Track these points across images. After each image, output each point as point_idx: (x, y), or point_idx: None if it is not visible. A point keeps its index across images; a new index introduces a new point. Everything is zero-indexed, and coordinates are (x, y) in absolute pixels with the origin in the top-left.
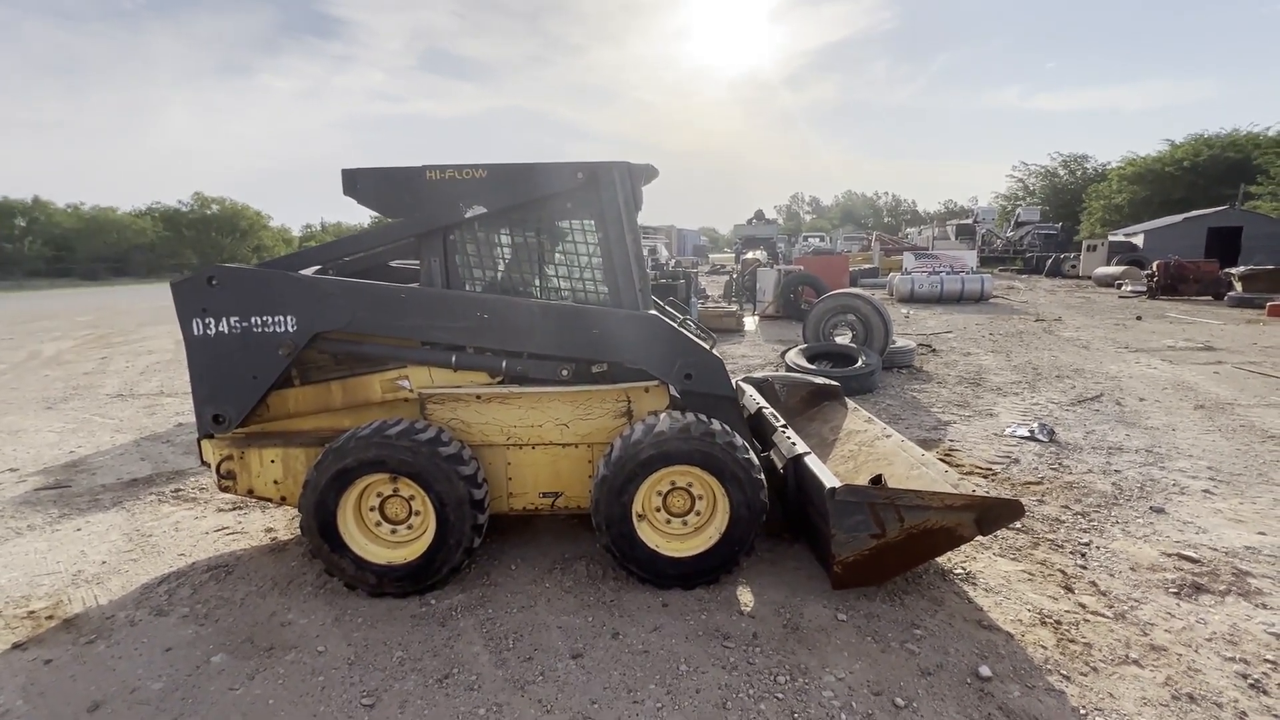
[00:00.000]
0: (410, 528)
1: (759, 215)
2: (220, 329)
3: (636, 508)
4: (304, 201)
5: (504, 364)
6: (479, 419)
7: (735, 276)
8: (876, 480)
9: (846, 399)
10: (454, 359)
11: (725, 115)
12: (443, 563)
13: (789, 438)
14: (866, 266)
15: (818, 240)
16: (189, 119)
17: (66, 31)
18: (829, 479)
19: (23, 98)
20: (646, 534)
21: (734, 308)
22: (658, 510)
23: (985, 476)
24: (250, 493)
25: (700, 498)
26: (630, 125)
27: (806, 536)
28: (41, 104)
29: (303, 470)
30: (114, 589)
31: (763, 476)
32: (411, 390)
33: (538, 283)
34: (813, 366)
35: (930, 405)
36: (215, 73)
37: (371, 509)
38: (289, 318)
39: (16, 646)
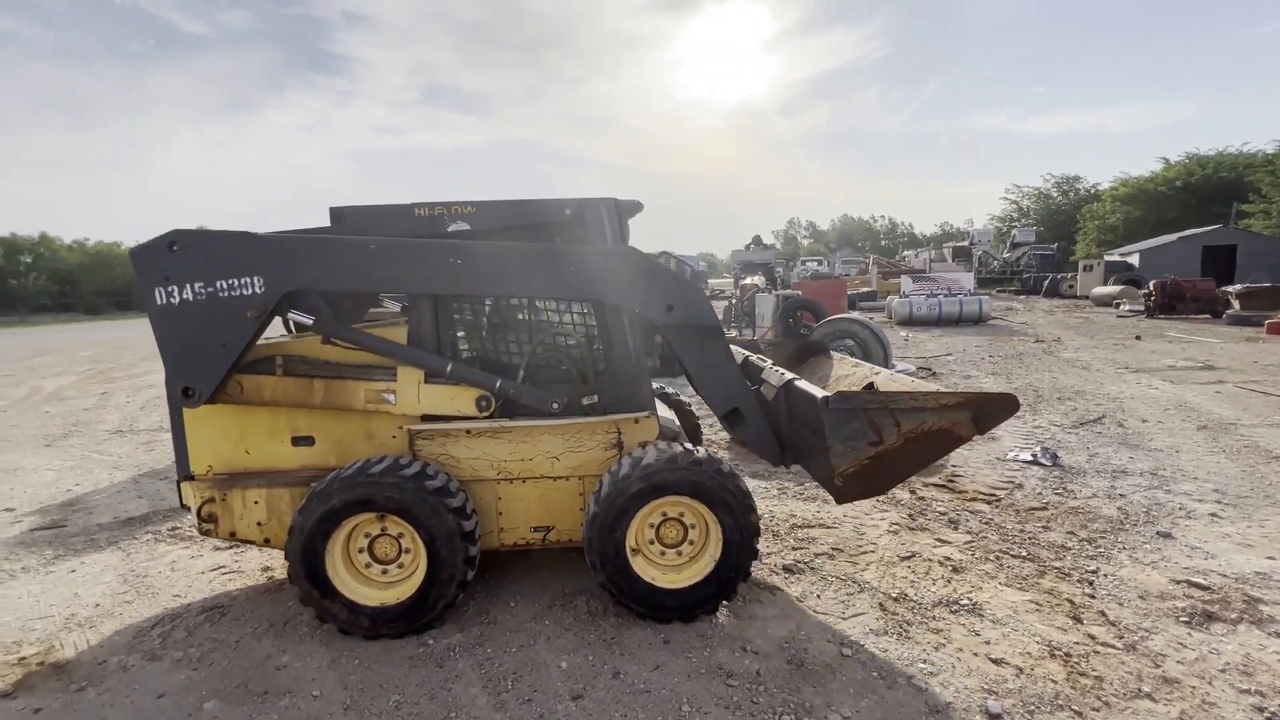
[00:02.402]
0: (401, 566)
1: (756, 240)
2: (185, 296)
3: (630, 542)
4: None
5: (498, 384)
6: (469, 454)
7: (734, 302)
8: (869, 388)
9: (832, 351)
10: (449, 368)
11: (721, 142)
12: (437, 598)
13: (777, 370)
14: (865, 290)
15: (816, 264)
16: (194, 154)
17: (75, 71)
18: (820, 392)
19: (29, 136)
20: (642, 568)
21: (733, 333)
22: (651, 543)
23: (988, 503)
24: (233, 535)
25: (693, 526)
26: (625, 152)
27: (806, 463)
28: (48, 142)
29: (287, 511)
30: (107, 632)
31: (753, 500)
32: (394, 405)
33: (526, 316)
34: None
35: None
36: (220, 109)
37: (360, 550)
38: (256, 279)
39: (6, 696)
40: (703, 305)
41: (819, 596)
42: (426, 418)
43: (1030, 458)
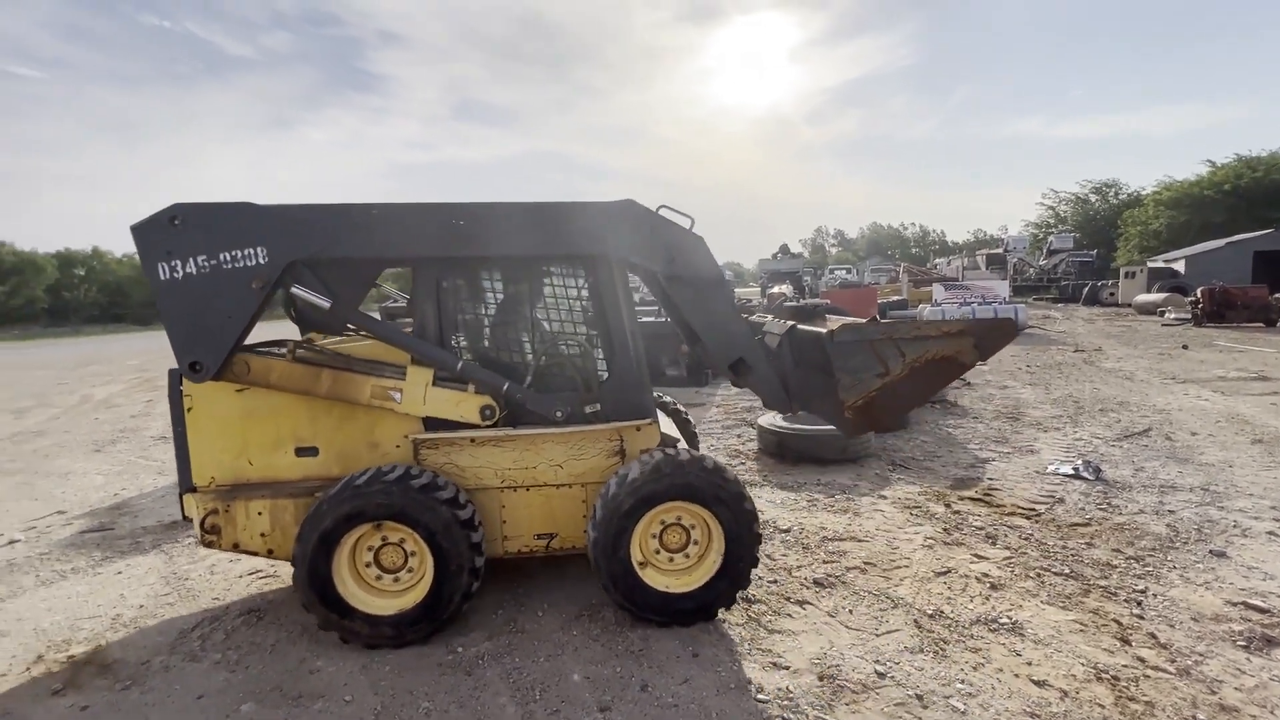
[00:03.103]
0: (410, 570)
1: (784, 249)
2: (189, 270)
3: (636, 557)
4: None
5: (505, 386)
6: (473, 462)
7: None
8: (872, 321)
9: (828, 314)
10: (460, 365)
11: (748, 151)
12: (452, 591)
13: (779, 320)
14: (895, 298)
15: (844, 273)
16: (236, 170)
17: (126, 94)
18: (824, 329)
19: (82, 155)
20: (654, 579)
21: None
22: (657, 552)
23: (1028, 517)
24: (236, 547)
25: (693, 527)
26: (652, 162)
27: (814, 406)
28: (99, 160)
29: (292, 521)
30: (151, 633)
31: (743, 487)
32: (399, 404)
33: (529, 327)
34: None
35: (967, 441)
36: (261, 126)
37: (368, 565)
38: (259, 249)
39: (56, 693)
40: (704, 255)
41: (851, 612)
42: (429, 422)
43: (1071, 471)
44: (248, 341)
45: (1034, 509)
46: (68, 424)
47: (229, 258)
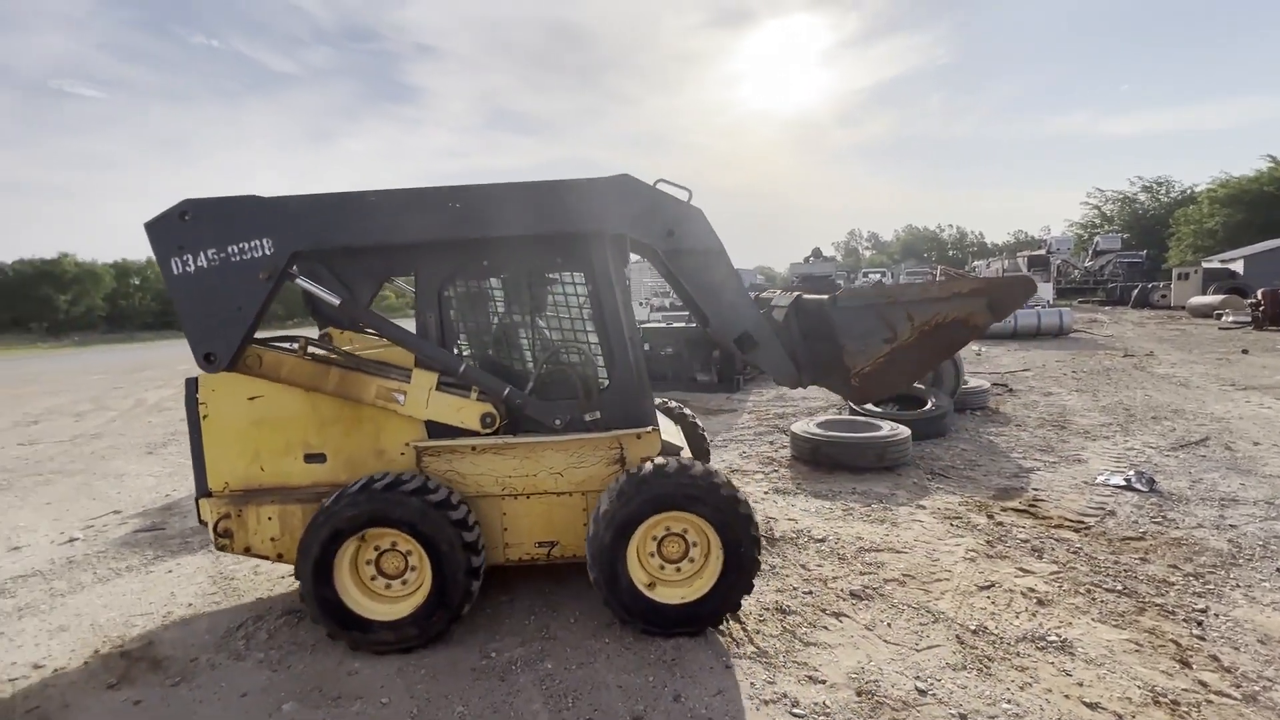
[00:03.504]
0: (415, 569)
1: (816, 253)
2: (200, 264)
3: (642, 579)
4: None
5: (506, 391)
6: (474, 470)
7: None
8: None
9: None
10: (463, 368)
11: (779, 155)
12: (451, 594)
13: (784, 293)
14: None
15: (879, 276)
16: (280, 182)
17: (179, 111)
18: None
19: (138, 170)
20: (666, 595)
21: None
22: (662, 568)
23: (1076, 530)
24: (247, 550)
25: (685, 531)
26: (684, 168)
27: (823, 378)
28: (154, 175)
29: (299, 527)
30: (199, 630)
31: (735, 492)
32: (402, 405)
33: (529, 333)
34: (877, 409)
35: (1010, 450)
36: (303, 139)
37: (373, 579)
38: (265, 240)
39: (111, 687)
40: (704, 227)
41: (889, 625)
42: (433, 430)
43: (1123, 482)
44: (264, 337)
45: (1083, 521)
46: (122, 427)
47: (237, 250)
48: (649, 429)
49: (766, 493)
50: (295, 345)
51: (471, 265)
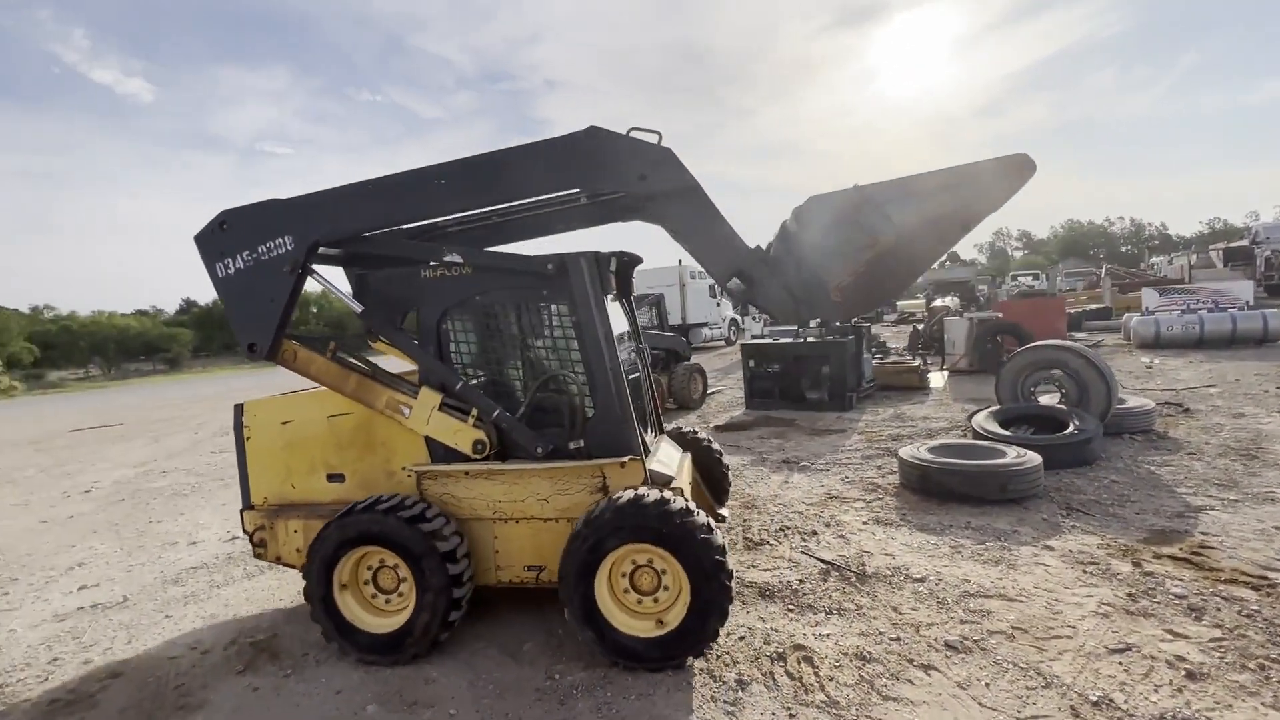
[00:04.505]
0: (405, 581)
1: (952, 257)
2: (238, 265)
3: (614, 611)
4: None
5: (496, 413)
6: (468, 494)
7: (922, 327)
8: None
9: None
10: (459, 385)
11: (913, 154)
12: (429, 618)
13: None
14: (1094, 307)
15: (1030, 279)
16: None
17: (351, 161)
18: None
19: None
20: (638, 628)
21: (915, 363)
22: (639, 601)
23: (1255, 588)
24: (278, 559)
25: (651, 562)
26: (808, 176)
27: (816, 306)
28: None
29: None
30: (314, 628)
31: (697, 524)
32: (406, 418)
33: (521, 361)
34: (1006, 432)
35: (1176, 483)
36: None
37: (374, 596)
38: (287, 238)
39: (238, 673)
40: (674, 165)
41: (987, 686)
42: (434, 452)
43: None
44: (305, 337)
45: (1265, 577)
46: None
47: (265, 249)
48: (632, 458)
49: (865, 523)
50: (327, 347)
51: (466, 299)
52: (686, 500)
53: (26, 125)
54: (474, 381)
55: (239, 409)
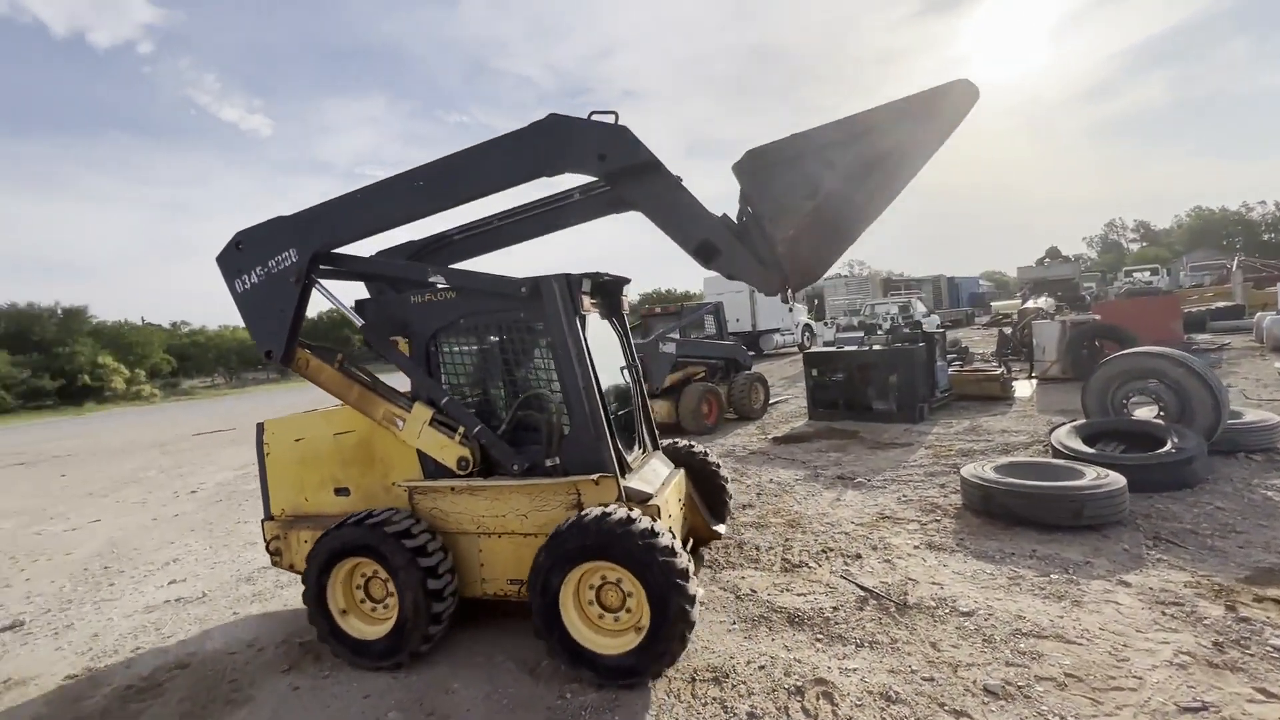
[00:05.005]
0: (392, 595)
1: (1053, 253)
2: (253, 280)
3: (580, 627)
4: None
5: (476, 429)
6: (454, 509)
7: (1011, 331)
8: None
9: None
10: (444, 400)
11: (1008, 146)
12: (411, 629)
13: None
14: (1222, 304)
15: (1148, 275)
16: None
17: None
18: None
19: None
20: (603, 645)
21: (998, 370)
22: (601, 617)
23: None
24: (291, 567)
25: (620, 580)
26: None
27: (771, 268)
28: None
29: None
30: None
31: (656, 542)
32: (400, 430)
33: (503, 380)
34: (1089, 449)
35: None
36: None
37: (363, 603)
38: (291, 251)
39: (283, 671)
40: (629, 141)
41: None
42: (427, 468)
43: None
44: (317, 346)
45: None
46: None
47: (274, 263)
48: (605, 475)
49: (916, 547)
50: (335, 358)
51: (452, 321)
52: (655, 519)
53: (169, 161)
54: (461, 399)
55: (260, 427)
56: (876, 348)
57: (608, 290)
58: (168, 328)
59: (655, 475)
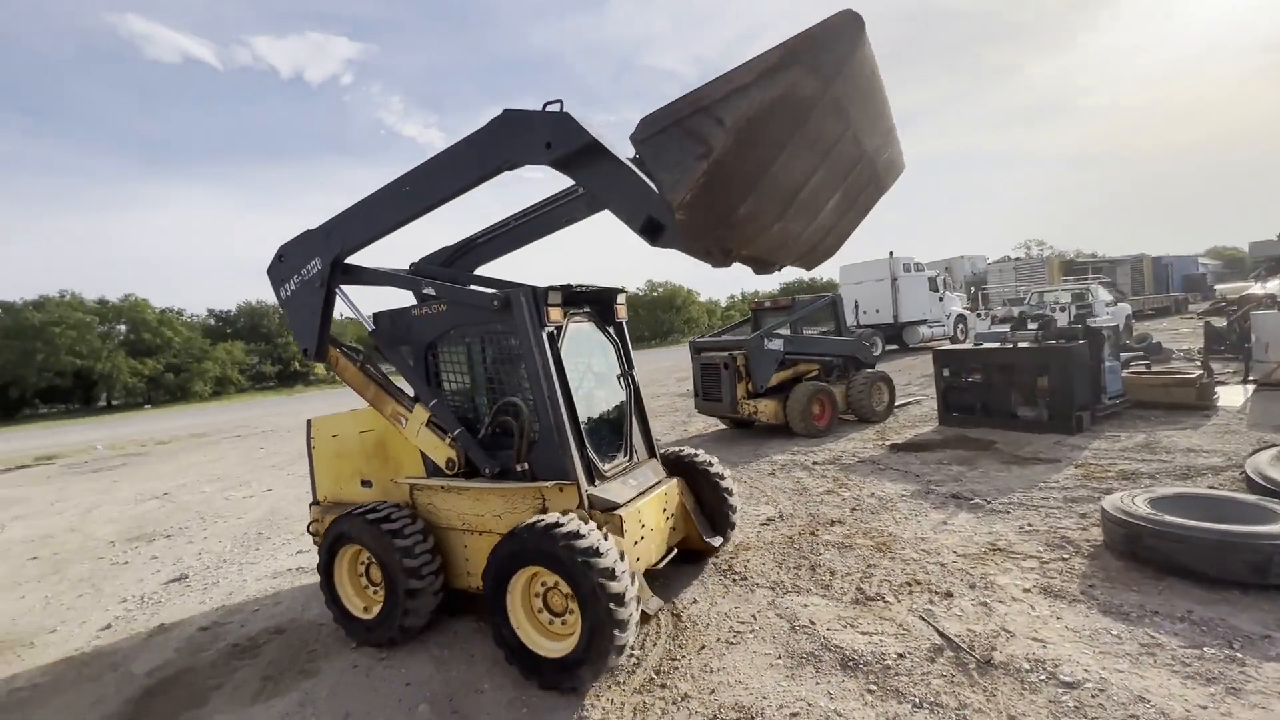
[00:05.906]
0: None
1: None
2: (292, 288)
3: (526, 629)
4: (711, 284)
5: (456, 431)
6: (444, 505)
7: (1224, 323)
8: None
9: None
10: (433, 402)
11: (1240, 98)
12: (392, 608)
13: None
14: None
15: None
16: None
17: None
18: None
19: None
20: (546, 647)
21: (1197, 372)
22: (550, 621)
23: None
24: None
25: (546, 582)
26: (1086, 135)
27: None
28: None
29: None
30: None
31: (567, 532)
32: (404, 428)
33: (487, 388)
34: None
35: None
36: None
37: (365, 587)
38: (316, 260)
39: (352, 649)
40: (570, 126)
41: None
42: (429, 465)
43: None
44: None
45: None
46: None
47: (305, 271)
48: (565, 482)
49: (1027, 590)
50: (358, 357)
51: (445, 332)
52: (617, 527)
53: (368, 175)
54: (453, 404)
55: (309, 424)
56: (1022, 345)
57: (598, 300)
58: (362, 321)
59: (632, 484)
